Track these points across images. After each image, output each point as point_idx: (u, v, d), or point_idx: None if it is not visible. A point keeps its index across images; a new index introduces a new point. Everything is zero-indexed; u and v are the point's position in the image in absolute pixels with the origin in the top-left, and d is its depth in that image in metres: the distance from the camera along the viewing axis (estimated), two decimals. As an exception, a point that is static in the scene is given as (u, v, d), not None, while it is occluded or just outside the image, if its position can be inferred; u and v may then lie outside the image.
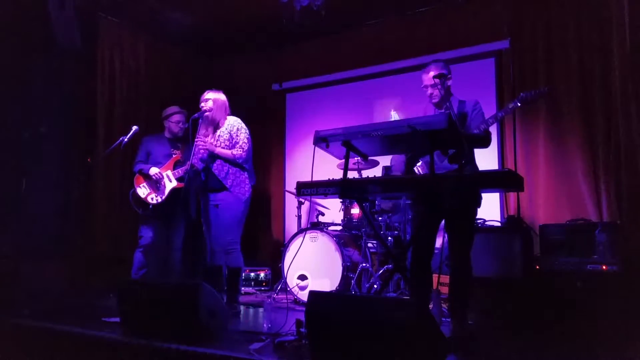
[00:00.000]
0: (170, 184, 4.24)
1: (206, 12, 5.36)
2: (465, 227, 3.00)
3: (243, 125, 3.79)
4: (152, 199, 4.23)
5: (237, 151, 3.67)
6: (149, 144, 4.43)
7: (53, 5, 4.29)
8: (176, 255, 4.38)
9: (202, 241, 5.01)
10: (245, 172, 3.75)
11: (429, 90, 3.10)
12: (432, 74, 3.05)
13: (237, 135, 3.71)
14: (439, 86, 3.03)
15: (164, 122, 4.48)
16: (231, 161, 3.68)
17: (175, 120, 4.43)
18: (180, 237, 4.39)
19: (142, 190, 4.25)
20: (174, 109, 4.48)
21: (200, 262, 5.11)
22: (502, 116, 3.18)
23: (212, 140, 3.72)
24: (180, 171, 4.23)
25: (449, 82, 3.10)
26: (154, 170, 4.24)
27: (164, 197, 4.22)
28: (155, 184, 4.25)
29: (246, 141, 3.72)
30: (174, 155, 4.37)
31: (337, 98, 5.94)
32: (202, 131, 3.76)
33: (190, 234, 4.53)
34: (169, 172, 4.26)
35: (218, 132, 3.75)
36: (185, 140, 4.44)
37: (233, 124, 3.76)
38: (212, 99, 3.76)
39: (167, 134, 4.48)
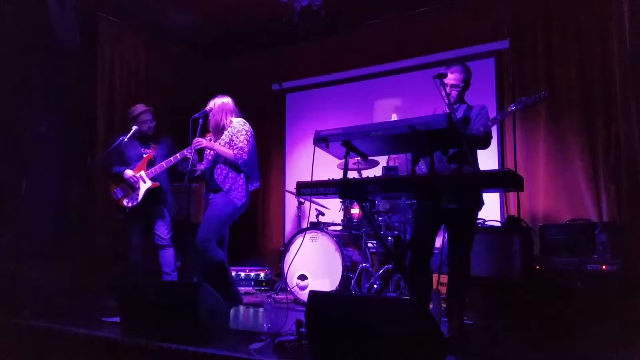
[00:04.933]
0: (144, 185, 4.18)
1: (206, 12, 5.36)
2: (465, 228, 3.00)
3: (245, 127, 3.71)
4: (127, 202, 4.18)
5: (236, 151, 3.63)
6: (119, 145, 4.29)
7: (53, 5, 4.29)
8: (169, 251, 4.34)
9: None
10: (242, 176, 3.67)
11: (448, 89, 3.09)
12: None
13: (236, 137, 3.66)
14: (451, 87, 3.03)
15: (130, 123, 4.35)
16: (231, 162, 3.65)
17: (143, 120, 4.33)
18: (165, 232, 4.32)
19: (117, 194, 4.21)
20: (141, 107, 4.38)
21: (196, 260, 5.10)
22: (500, 119, 3.17)
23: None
24: (153, 170, 4.16)
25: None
26: (128, 173, 4.18)
27: (139, 199, 4.16)
28: (130, 187, 4.21)
29: (246, 142, 3.65)
30: (145, 155, 4.30)
31: (337, 98, 5.94)
32: (208, 137, 3.77)
33: (181, 231, 4.51)
34: (143, 173, 4.20)
35: (222, 136, 3.72)
36: (156, 138, 4.40)
37: (235, 125, 3.71)
38: (212, 103, 3.75)
39: (136, 134, 4.33)
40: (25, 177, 4.05)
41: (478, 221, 3.90)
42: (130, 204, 4.17)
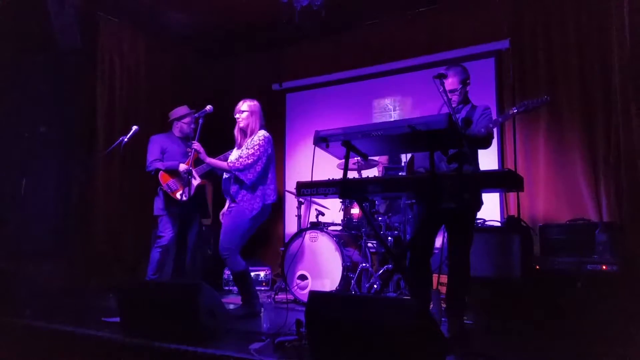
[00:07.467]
0: (195, 181, 4.23)
1: (206, 12, 5.36)
2: (465, 228, 3.00)
3: (261, 142, 3.67)
4: (180, 195, 4.20)
5: (233, 162, 3.62)
6: (162, 142, 4.39)
7: (53, 5, 4.29)
8: (189, 254, 4.37)
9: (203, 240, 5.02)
10: (250, 192, 3.66)
11: (448, 94, 3.07)
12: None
13: (247, 148, 3.66)
14: (450, 92, 3.02)
15: (173, 123, 4.47)
16: (235, 176, 3.64)
17: (187, 122, 4.44)
18: (195, 235, 4.38)
19: (170, 187, 4.23)
20: (184, 109, 4.48)
21: (201, 261, 5.11)
22: (501, 121, 3.17)
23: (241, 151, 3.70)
24: (200, 168, 4.22)
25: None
26: (184, 167, 4.20)
27: (192, 194, 4.19)
28: (183, 181, 4.22)
29: (250, 155, 3.62)
30: (191, 153, 4.35)
31: (337, 98, 5.93)
32: (237, 141, 3.80)
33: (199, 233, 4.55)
34: (192, 170, 4.23)
35: (246, 142, 3.71)
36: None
37: (253, 137, 3.70)
38: (246, 105, 3.79)
39: (177, 133, 4.47)
40: (25, 177, 4.05)
41: (478, 221, 3.91)
42: (183, 198, 4.18)
